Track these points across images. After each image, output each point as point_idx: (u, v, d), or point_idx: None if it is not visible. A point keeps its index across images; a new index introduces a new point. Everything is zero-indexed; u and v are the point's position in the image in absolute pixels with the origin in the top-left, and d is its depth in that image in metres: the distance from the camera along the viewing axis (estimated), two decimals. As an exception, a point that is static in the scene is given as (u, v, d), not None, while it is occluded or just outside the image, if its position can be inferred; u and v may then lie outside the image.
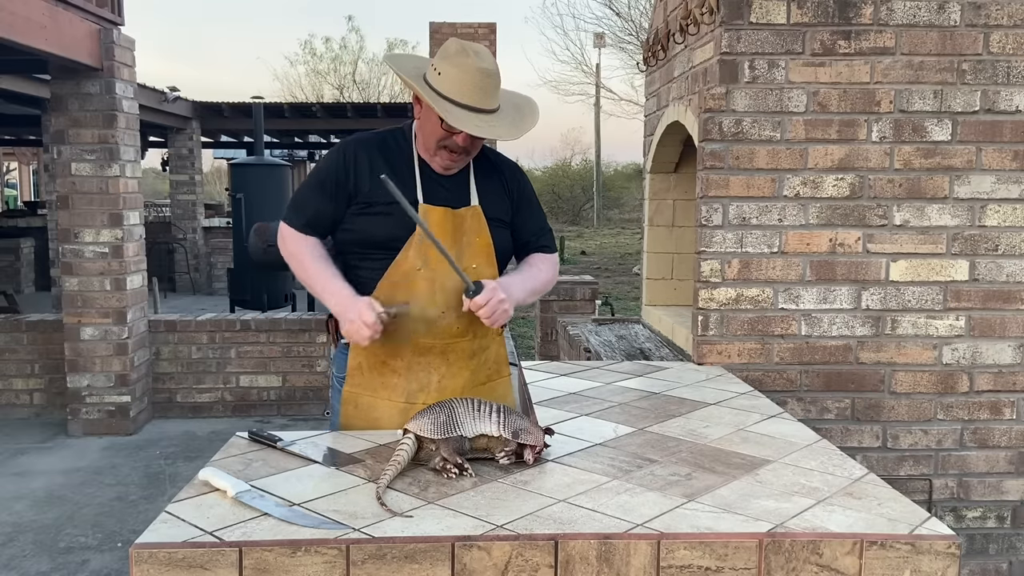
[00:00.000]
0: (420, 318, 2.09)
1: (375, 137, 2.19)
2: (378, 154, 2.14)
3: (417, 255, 2.07)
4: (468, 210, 2.14)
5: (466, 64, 2.00)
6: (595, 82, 29.67)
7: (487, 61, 2.02)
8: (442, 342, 2.13)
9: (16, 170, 29.41)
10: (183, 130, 13.01)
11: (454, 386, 2.16)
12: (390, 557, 1.46)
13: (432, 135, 2.08)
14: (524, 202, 2.28)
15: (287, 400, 6.32)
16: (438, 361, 2.15)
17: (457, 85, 1.99)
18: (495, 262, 2.17)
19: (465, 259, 2.10)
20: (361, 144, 2.16)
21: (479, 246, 2.14)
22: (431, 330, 2.12)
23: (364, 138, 2.19)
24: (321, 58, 32.79)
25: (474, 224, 2.14)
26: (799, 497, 1.69)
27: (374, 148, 2.15)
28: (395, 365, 2.14)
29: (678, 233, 4.15)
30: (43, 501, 4.60)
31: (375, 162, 2.11)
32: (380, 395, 2.16)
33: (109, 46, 5.60)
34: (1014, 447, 3.15)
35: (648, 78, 4.29)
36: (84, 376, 5.82)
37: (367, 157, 2.13)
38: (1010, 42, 3.01)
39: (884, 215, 3.05)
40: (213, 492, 1.67)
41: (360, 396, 2.18)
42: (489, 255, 2.16)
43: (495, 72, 2.03)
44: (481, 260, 2.14)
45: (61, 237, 5.75)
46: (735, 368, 3.02)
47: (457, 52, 2.02)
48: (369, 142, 2.17)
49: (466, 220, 2.13)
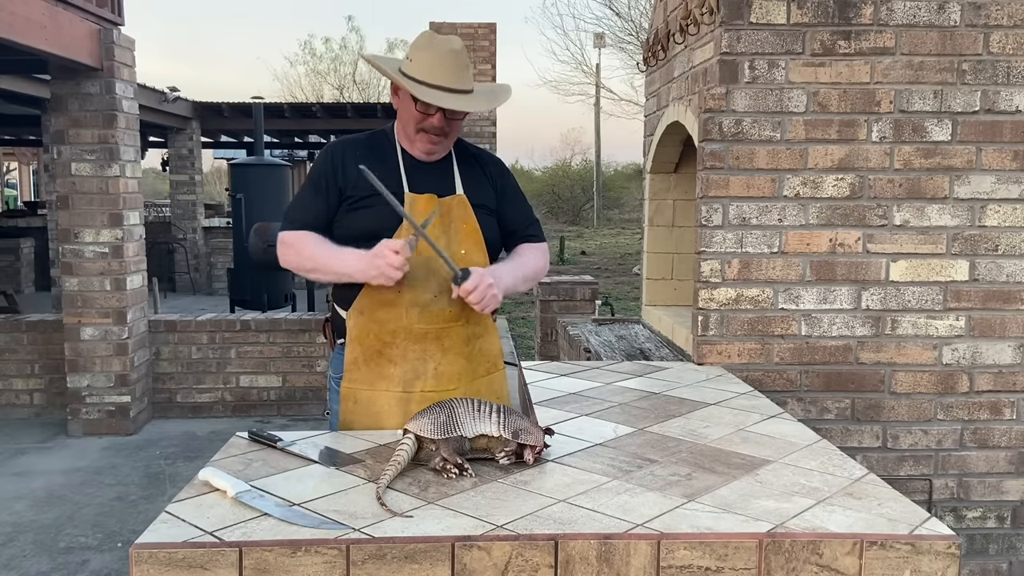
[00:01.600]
0: (413, 303, 2.14)
1: (360, 136, 2.30)
2: (363, 150, 2.22)
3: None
4: (454, 198, 2.21)
5: (433, 46, 2.13)
6: (595, 82, 29.68)
7: (455, 43, 2.15)
8: (436, 327, 2.17)
9: (16, 170, 29.41)
10: (183, 130, 13.01)
11: (450, 373, 2.19)
12: (390, 557, 1.46)
13: (410, 120, 2.18)
14: (510, 193, 2.35)
15: (287, 400, 6.32)
16: (433, 347, 2.18)
17: (427, 67, 2.11)
18: (484, 248, 2.23)
19: (453, 246, 2.17)
20: (346, 143, 2.27)
21: (467, 232, 2.20)
22: (424, 315, 2.16)
23: (349, 138, 2.30)
24: (321, 58, 32.81)
25: (460, 211, 2.20)
26: (799, 497, 1.69)
27: (359, 145, 2.25)
28: (391, 355, 2.17)
29: (678, 233, 4.15)
30: (43, 501, 4.60)
31: (360, 157, 2.18)
32: (378, 387, 2.18)
33: (109, 46, 5.60)
34: (1014, 447, 3.15)
35: (648, 78, 4.29)
36: (84, 376, 5.82)
37: (352, 153, 2.21)
38: (1010, 42, 3.01)
39: (884, 215, 3.05)
40: (213, 492, 1.67)
41: (359, 391, 2.20)
42: (478, 241, 2.22)
43: (462, 51, 2.15)
44: (470, 246, 2.20)
45: (61, 237, 5.75)
46: (735, 368, 3.02)
47: (426, 40, 2.17)
48: (354, 140, 2.28)
49: (452, 208, 2.20)
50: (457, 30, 10.57)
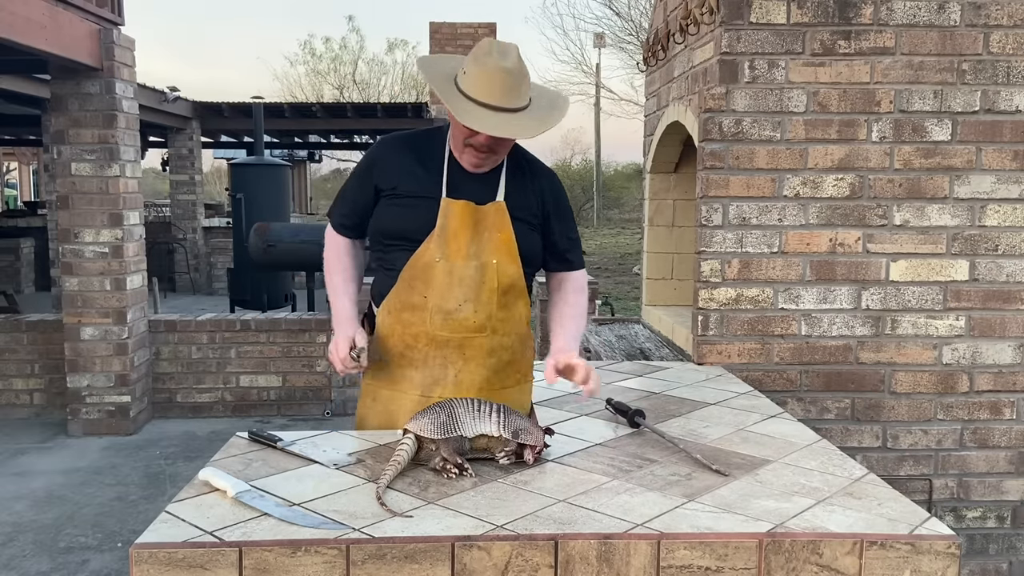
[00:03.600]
0: (438, 310, 2.10)
1: (410, 134, 2.26)
2: (408, 150, 2.19)
3: (437, 248, 2.09)
4: (492, 205, 2.13)
5: (488, 63, 2.00)
6: (595, 82, 29.66)
7: (510, 59, 2.02)
8: (459, 336, 2.12)
9: (16, 170, 29.40)
10: (183, 130, 13.01)
11: (470, 382, 2.13)
12: (390, 557, 1.46)
13: (458, 134, 2.10)
14: (559, 212, 2.26)
15: (287, 400, 6.32)
16: (455, 355, 2.13)
17: (478, 84, 2.00)
18: (518, 259, 2.15)
19: (485, 254, 2.11)
20: (396, 139, 2.24)
21: (500, 241, 2.13)
22: (448, 323, 2.11)
23: (399, 135, 2.26)
24: (321, 58, 32.82)
25: (497, 220, 2.13)
26: (799, 497, 1.69)
27: (405, 143, 2.22)
28: (412, 357, 2.14)
29: (678, 233, 4.15)
30: (43, 501, 4.60)
31: (404, 156, 2.16)
32: (399, 387, 2.17)
33: (109, 46, 5.60)
34: (1014, 447, 3.15)
35: (648, 78, 4.29)
36: (84, 376, 5.82)
37: (397, 151, 2.19)
38: (1010, 42, 3.01)
39: (884, 215, 3.05)
40: (213, 492, 1.67)
41: (379, 389, 2.20)
42: (511, 251, 2.14)
43: (517, 70, 2.01)
44: (502, 255, 2.13)
45: (61, 237, 5.75)
46: (735, 368, 3.02)
47: (483, 51, 2.03)
48: (402, 138, 2.25)
49: (489, 215, 2.13)
50: (457, 30, 10.58)
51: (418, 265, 2.10)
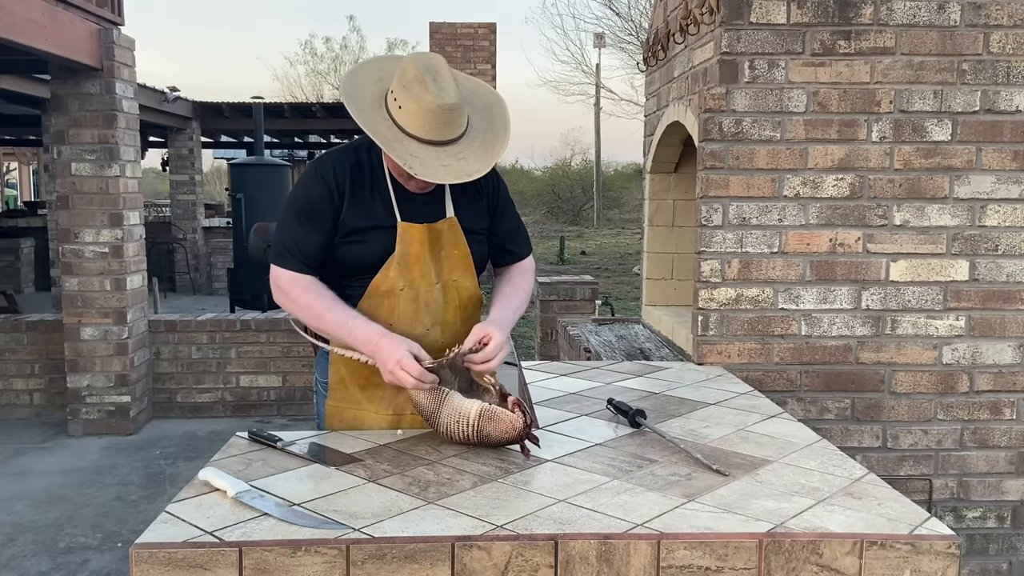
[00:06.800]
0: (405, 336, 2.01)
1: (346, 159, 2.09)
2: (349, 178, 2.06)
3: (398, 275, 2.04)
4: (444, 222, 2.09)
5: (425, 100, 1.88)
6: (595, 82, 29.66)
7: (448, 93, 1.90)
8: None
9: (16, 170, 29.41)
10: (183, 130, 13.01)
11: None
12: (390, 557, 1.46)
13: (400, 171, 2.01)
14: (501, 207, 2.22)
15: (287, 400, 6.32)
16: None
17: (417, 120, 1.90)
18: (474, 273, 2.15)
19: (445, 273, 2.09)
20: (335, 164, 2.07)
21: (458, 258, 2.11)
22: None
23: (336, 161, 2.09)
24: (321, 58, 32.83)
25: (451, 236, 2.10)
26: (799, 497, 1.69)
27: (348, 171, 2.07)
28: (379, 380, 2.05)
29: (678, 233, 4.15)
30: (43, 501, 4.60)
31: (346, 186, 2.04)
32: (366, 408, 2.13)
33: (109, 46, 5.60)
34: (1014, 447, 3.15)
35: (648, 78, 4.29)
36: (84, 376, 5.82)
37: (339, 181, 2.04)
38: (1010, 42, 3.01)
39: (884, 215, 3.05)
40: (213, 492, 1.67)
41: (344, 410, 2.15)
42: (468, 266, 2.13)
43: (456, 105, 1.91)
44: (459, 272, 2.11)
45: (61, 237, 5.76)
46: (735, 368, 3.02)
47: (415, 81, 1.90)
48: (342, 164, 2.07)
49: (443, 233, 2.09)
50: (457, 30, 10.58)
51: (379, 293, 2.04)
